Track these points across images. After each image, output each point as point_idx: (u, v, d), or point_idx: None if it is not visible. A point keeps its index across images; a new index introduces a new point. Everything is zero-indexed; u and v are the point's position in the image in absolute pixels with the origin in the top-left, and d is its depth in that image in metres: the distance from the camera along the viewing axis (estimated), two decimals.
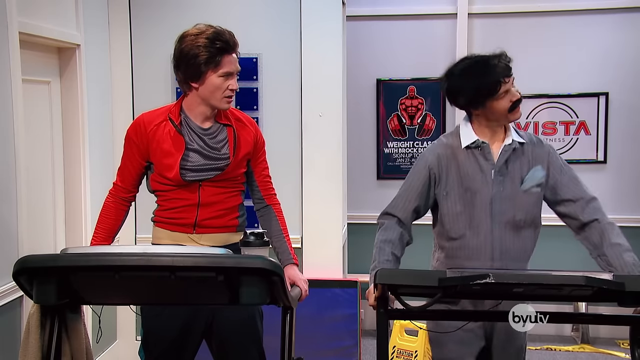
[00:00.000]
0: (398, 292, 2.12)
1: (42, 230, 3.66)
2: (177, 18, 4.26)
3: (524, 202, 2.49)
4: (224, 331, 2.64)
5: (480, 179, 2.50)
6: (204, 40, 2.47)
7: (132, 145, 2.62)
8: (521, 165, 2.51)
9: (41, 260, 2.02)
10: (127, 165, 2.65)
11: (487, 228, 2.50)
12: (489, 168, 2.50)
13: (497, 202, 2.49)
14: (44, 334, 2.11)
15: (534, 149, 2.54)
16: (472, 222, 2.51)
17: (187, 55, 2.49)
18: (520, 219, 2.50)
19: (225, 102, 2.56)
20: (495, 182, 2.49)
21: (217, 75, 2.50)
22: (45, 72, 3.69)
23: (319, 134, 4.24)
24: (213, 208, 2.61)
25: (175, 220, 2.62)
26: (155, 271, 1.94)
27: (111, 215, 2.69)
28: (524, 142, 2.54)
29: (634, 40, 4.98)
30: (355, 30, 5.07)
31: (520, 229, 2.51)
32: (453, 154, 2.53)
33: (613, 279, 1.98)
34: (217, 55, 2.48)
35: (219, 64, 2.49)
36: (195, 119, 2.60)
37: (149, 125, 2.59)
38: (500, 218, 2.49)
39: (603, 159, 5.05)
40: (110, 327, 4.32)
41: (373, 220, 5.16)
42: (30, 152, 3.48)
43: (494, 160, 2.50)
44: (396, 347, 4.12)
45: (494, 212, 2.49)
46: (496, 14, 5.08)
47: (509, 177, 2.50)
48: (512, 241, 2.51)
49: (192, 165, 2.56)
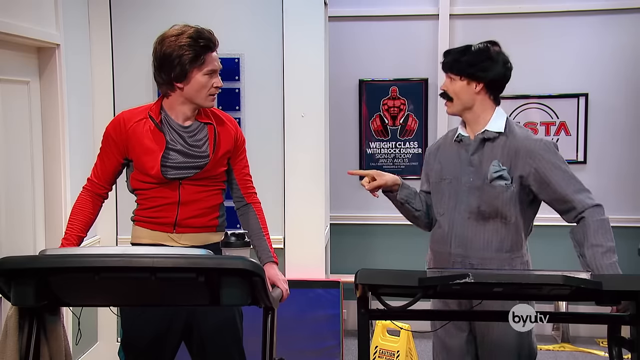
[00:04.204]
0: (379, 292, 2.12)
1: (21, 232, 3.62)
2: (158, 18, 4.24)
3: (489, 194, 2.50)
4: (204, 331, 2.63)
5: (454, 169, 2.58)
6: (187, 40, 2.48)
7: (110, 142, 2.61)
8: (494, 156, 2.51)
9: (19, 261, 2.00)
10: (104, 161, 2.64)
11: (450, 216, 2.57)
12: (465, 157, 2.57)
13: (465, 192, 2.54)
14: (22, 336, 2.09)
15: (513, 141, 2.51)
16: (440, 210, 2.61)
17: (171, 56, 2.49)
18: (485, 210, 2.51)
19: (210, 99, 2.58)
20: (465, 172, 2.55)
21: (203, 74, 2.52)
22: (24, 71, 3.65)
23: (302, 134, 4.24)
24: (193, 207, 2.60)
25: (156, 219, 2.61)
26: (135, 272, 1.94)
27: (86, 208, 2.64)
28: (502, 132, 2.52)
29: (613, 42, 5.03)
30: (337, 31, 5.07)
31: (486, 220, 2.52)
32: (444, 145, 2.68)
33: (591, 278, 2.00)
34: (201, 53, 2.49)
35: (204, 62, 2.50)
36: (177, 117, 2.59)
37: (128, 122, 2.58)
38: (465, 207, 2.54)
39: (583, 159, 5.10)
40: (91, 329, 4.29)
41: (355, 220, 5.26)
42: (9, 152, 3.44)
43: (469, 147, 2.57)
44: (378, 347, 4.12)
45: (459, 200, 2.55)
46: (478, 15, 5.11)
47: (480, 168, 2.52)
48: (474, 231, 2.52)
49: (172, 162, 2.56)
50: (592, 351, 4.83)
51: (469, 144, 2.56)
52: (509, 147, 2.51)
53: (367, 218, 5.21)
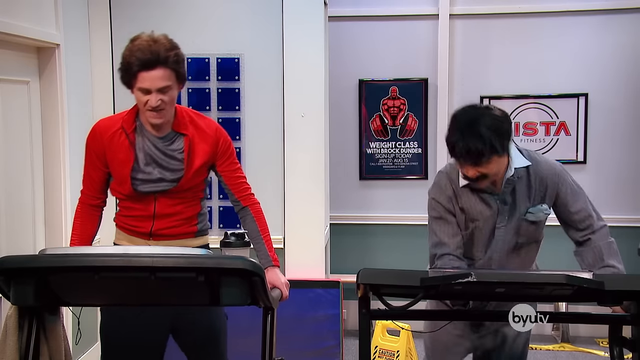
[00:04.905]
0: (380, 292, 2.12)
1: (21, 232, 3.62)
2: (158, 18, 4.24)
3: (527, 229, 2.52)
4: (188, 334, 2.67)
5: (487, 211, 2.50)
6: (128, 52, 2.43)
7: (92, 153, 2.60)
8: (525, 191, 2.50)
9: (19, 260, 2.00)
10: (90, 173, 2.64)
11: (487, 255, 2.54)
12: (493, 199, 2.49)
13: (501, 230, 2.51)
14: (22, 336, 2.09)
15: (537, 168, 2.50)
16: (474, 249, 2.55)
17: (121, 61, 2.45)
18: (522, 242, 2.54)
19: (150, 116, 2.48)
20: (501, 211, 2.49)
21: (136, 89, 2.45)
22: (24, 71, 3.65)
23: (301, 134, 4.23)
24: (169, 219, 2.60)
25: (132, 227, 2.63)
26: (135, 272, 1.93)
27: (85, 223, 2.66)
28: (529, 166, 2.49)
29: (613, 42, 5.03)
30: (337, 30, 5.07)
31: (520, 249, 2.55)
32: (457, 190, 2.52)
33: (593, 278, 2.00)
34: (134, 68, 2.41)
35: (136, 78, 2.42)
36: (147, 125, 2.55)
37: (104, 134, 2.56)
38: (502, 245, 2.52)
39: (583, 159, 5.09)
40: (91, 329, 4.27)
41: (355, 220, 5.25)
42: (9, 152, 3.44)
43: (497, 191, 2.48)
44: (378, 347, 4.12)
45: (496, 239, 2.52)
46: (477, 15, 5.10)
47: (514, 205, 2.50)
48: (512, 262, 2.55)
49: (144, 176, 2.54)
50: (592, 351, 4.82)
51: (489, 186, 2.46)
52: (536, 175, 2.50)
53: (367, 218, 5.20)
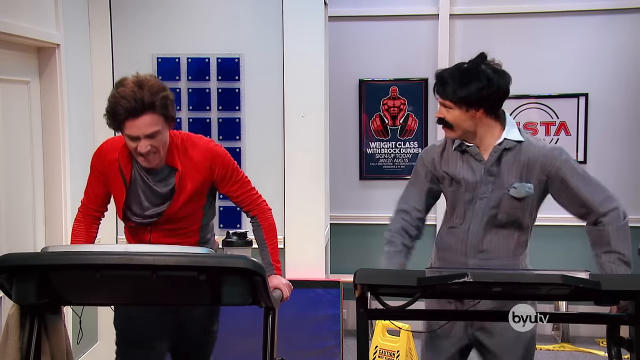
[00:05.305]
0: (378, 292, 2.12)
1: (21, 232, 3.63)
2: (158, 18, 4.25)
3: (510, 204, 2.49)
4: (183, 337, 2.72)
5: (471, 177, 2.51)
6: (112, 100, 2.41)
7: (96, 172, 2.66)
8: (512, 166, 2.48)
9: (21, 258, 2.01)
10: (94, 187, 2.68)
11: (465, 225, 2.54)
12: (480, 167, 2.50)
13: (483, 201, 2.50)
14: (24, 334, 2.10)
15: (529, 148, 2.47)
16: (454, 215, 2.57)
17: (107, 107, 2.44)
18: (502, 219, 2.51)
19: (140, 160, 2.50)
20: (484, 181, 2.50)
21: (125, 135, 2.47)
22: (24, 71, 3.66)
23: (301, 134, 4.24)
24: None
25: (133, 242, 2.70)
26: (136, 270, 1.94)
27: (83, 231, 2.71)
28: (522, 141, 2.48)
29: (613, 42, 5.04)
30: (337, 30, 5.07)
31: (501, 227, 2.52)
32: (447, 153, 2.57)
33: (590, 277, 2.00)
34: (120, 117, 2.41)
35: (124, 125, 2.42)
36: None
37: (106, 157, 2.62)
38: (481, 217, 2.51)
39: (583, 159, 5.10)
40: (92, 329, 4.29)
41: (356, 220, 5.25)
42: (9, 152, 3.45)
43: (484, 159, 2.49)
44: (378, 347, 4.13)
45: (476, 210, 2.52)
46: (478, 15, 5.11)
47: (499, 178, 2.49)
48: (489, 239, 2.52)
49: (136, 210, 2.60)
50: (592, 351, 4.83)
51: (477, 153, 2.50)
52: (527, 154, 2.47)
53: (367, 218, 5.20)
